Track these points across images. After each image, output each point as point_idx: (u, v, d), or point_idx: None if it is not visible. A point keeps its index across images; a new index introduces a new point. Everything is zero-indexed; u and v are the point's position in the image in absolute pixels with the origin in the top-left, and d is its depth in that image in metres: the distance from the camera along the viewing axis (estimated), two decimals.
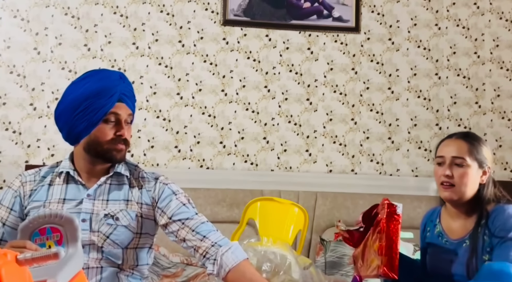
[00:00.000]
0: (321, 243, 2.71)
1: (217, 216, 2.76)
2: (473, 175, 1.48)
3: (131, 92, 1.50)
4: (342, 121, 3.09)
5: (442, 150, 1.53)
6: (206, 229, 1.44)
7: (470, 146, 1.49)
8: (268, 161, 3.02)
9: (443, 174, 1.48)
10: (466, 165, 1.47)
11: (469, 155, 1.48)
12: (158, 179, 1.53)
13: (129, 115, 1.48)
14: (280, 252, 1.83)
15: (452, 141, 1.53)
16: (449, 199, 1.49)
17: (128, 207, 1.45)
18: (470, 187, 1.48)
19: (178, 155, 2.99)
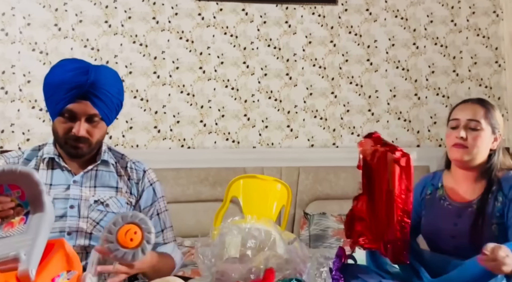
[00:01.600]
0: (305, 217, 2.73)
1: (200, 195, 2.75)
2: (486, 139, 1.48)
3: (102, 89, 1.38)
4: (322, 95, 3.08)
5: (457, 113, 1.52)
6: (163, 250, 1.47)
7: (486, 110, 1.49)
8: (250, 138, 3.01)
9: (457, 135, 1.48)
10: (480, 128, 1.47)
11: (485, 118, 1.48)
12: (146, 172, 1.53)
13: (93, 115, 1.39)
14: (265, 229, 1.83)
15: (468, 105, 1.52)
16: (460, 159, 1.48)
17: (118, 194, 1.45)
18: (482, 151, 1.48)
19: (158, 135, 2.95)
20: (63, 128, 1.40)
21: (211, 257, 1.69)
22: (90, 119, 1.40)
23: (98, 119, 1.41)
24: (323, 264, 1.56)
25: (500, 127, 1.51)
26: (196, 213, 2.67)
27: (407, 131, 3.11)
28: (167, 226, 1.52)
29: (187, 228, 2.54)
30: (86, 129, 1.39)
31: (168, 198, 2.59)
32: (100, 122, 1.42)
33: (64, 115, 1.38)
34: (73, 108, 1.37)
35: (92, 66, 1.42)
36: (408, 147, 3.08)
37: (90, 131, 1.40)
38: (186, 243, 2.32)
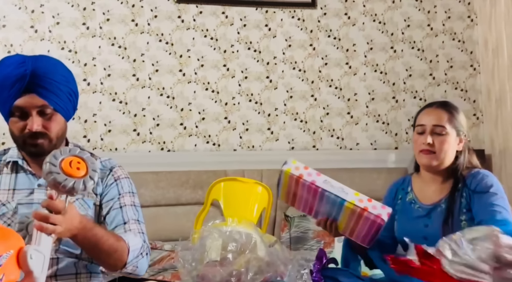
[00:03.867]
0: (286, 219, 2.74)
1: (181, 198, 2.73)
2: (452, 142, 1.53)
3: (45, 78, 1.32)
4: (302, 98, 3.10)
5: (422, 119, 1.56)
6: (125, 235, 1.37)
7: (450, 115, 1.54)
8: (231, 141, 3.00)
9: (423, 142, 1.52)
10: (445, 133, 1.52)
11: (449, 123, 1.53)
12: (112, 170, 1.47)
13: (42, 107, 1.32)
14: (245, 232, 1.83)
15: (432, 109, 1.56)
16: (428, 165, 1.53)
17: (84, 196, 1.40)
18: (448, 154, 1.53)
19: (137, 138, 2.92)
20: (17, 128, 1.34)
21: (191, 261, 1.68)
22: (42, 112, 1.33)
23: (51, 111, 1.34)
24: (303, 266, 1.57)
25: (464, 129, 1.56)
26: (177, 217, 2.64)
27: (385, 133, 3.15)
28: (131, 218, 1.41)
29: (167, 231, 2.52)
30: (41, 124, 1.33)
31: (148, 201, 2.59)
32: (55, 114, 1.35)
33: (15, 114, 1.33)
34: (20, 104, 1.31)
35: (28, 57, 1.35)
36: (386, 149, 3.12)
37: (46, 126, 1.34)
38: (166, 247, 2.30)
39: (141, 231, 1.42)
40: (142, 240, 1.39)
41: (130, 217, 1.42)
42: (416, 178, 1.62)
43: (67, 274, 1.33)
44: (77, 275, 1.37)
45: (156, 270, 2.03)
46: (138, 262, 1.37)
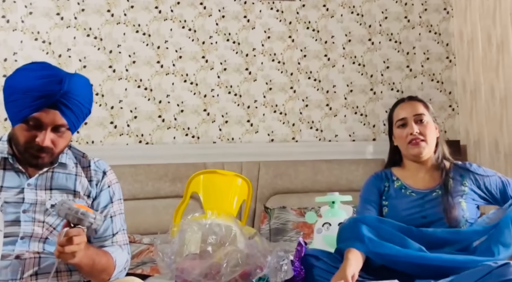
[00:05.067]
0: (265, 211, 2.75)
1: (160, 191, 2.71)
2: (433, 129, 1.60)
3: (75, 100, 1.31)
4: (281, 90, 3.10)
5: (400, 113, 1.60)
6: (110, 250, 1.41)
7: (423, 104, 1.62)
8: (210, 133, 2.98)
9: (410, 132, 1.55)
10: (427, 120, 1.58)
11: (426, 111, 1.60)
12: (106, 173, 1.47)
13: (60, 125, 1.32)
14: (225, 224, 1.83)
15: (406, 103, 1.63)
16: (419, 154, 1.56)
17: (76, 198, 1.39)
18: (433, 139, 1.59)
19: (115, 131, 2.87)
20: (25, 136, 1.31)
21: (170, 254, 1.67)
22: (57, 129, 1.32)
23: (65, 130, 1.33)
24: (283, 257, 1.58)
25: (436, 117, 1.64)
26: (155, 210, 2.62)
27: (363, 125, 3.18)
28: (118, 229, 1.46)
29: (146, 225, 2.51)
30: (51, 139, 1.31)
31: (126, 195, 2.55)
32: (66, 132, 1.35)
33: (29, 123, 1.30)
34: (40, 117, 1.29)
35: (66, 74, 1.33)
36: (364, 140, 3.15)
37: (54, 141, 1.32)
38: (145, 241, 2.28)
39: (126, 242, 1.46)
40: (127, 253, 1.43)
41: (118, 228, 1.45)
42: (398, 169, 1.65)
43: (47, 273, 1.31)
44: (57, 273, 1.35)
45: (135, 263, 2.01)
46: (119, 274, 1.41)
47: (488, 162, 2.94)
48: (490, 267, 1.24)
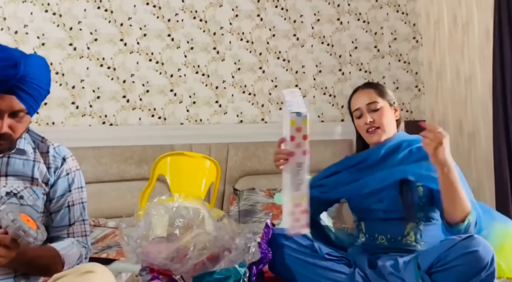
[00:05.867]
0: (234, 193, 2.73)
1: (125, 174, 2.64)
2: (389, 113, 1.62)
3: (32, 83, 1.24)
4: (250, 70, 3.04)
5: (355, 104, 1.65)
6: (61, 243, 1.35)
7: (377, 90, 1.64)
8: (177, 114, 2.91)
9: (366, 122, 1.59)
10: (380, 107, 1.60)
11: (379, 97, 1.63)
12: (66, 160, 1.40)
13: (18, 110, 1.24)
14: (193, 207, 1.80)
15: (360, 92, 1.66)
16: (378, 141, 1.59)
17: (33, 185, 1.32)
18: (390, 123, 1.61)
19: (76, 111, 2.76)
20: None
21: (136, 238, 1.62)
22: (15, 114, 1.24)
23: (23, 114, 1.26)
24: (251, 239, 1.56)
25: (394, 100, 1.67)
26: (121, 193, 2.56)
27: (332, 106, 3.18)
28: (76, 219, 1.39)
29: (111, 208, 2.45)
30: (9, 125, 1.24)
31: (90, 178, 2.48)
32: (25, 116, 1.27)
33: None
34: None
35: (21, 57, 1.24)
36: (333, 121, 3.16)
37: (13, 127, 1.25)
38: (110, 224, 2.23)
39: (84, 234, 1.40)
40: (81, 247, 1.37)
41: (76, 217, 1.39)
42: None
43: None
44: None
45: (99, 247, 1.96)
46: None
47: (452, 142, 2.98)
48: (454, 240, 1.26)
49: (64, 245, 1.32)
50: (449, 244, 1.25)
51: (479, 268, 1.20)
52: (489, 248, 1.22)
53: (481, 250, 1.20)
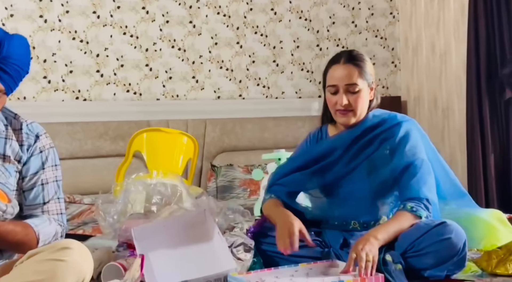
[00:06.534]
0: (212, 169, 2.73)
1: (100, 150, 2.61)
2: (365, 96, 1.53)
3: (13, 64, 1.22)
4: (227, 45, 3.00)
5: (333, 78, 1.51)
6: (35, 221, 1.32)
7: (359, 69, 1.50)
8: (153, 90, 2.86)
9: (339, 103, 1.49)
10: (359, 89, 1.49)
11: (360, 78, 1.49)
12: (39, 137, 1.36)
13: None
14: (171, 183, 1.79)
15: (341, 67, 1.50)
16: (347, 123, 1.53)
17: (5, 162, 1.28)
18: (364, 107, 1.53)
19: (49, 86, 2.68)
20: None
21: (113, 213, 1.61)
22: None
23: (1, 94, 1.23)
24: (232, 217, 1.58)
25: (373, 77, 1.55)
26: (96, 169, 2.53)
27: (309, 82, 3.18)
28: (51, 197, 1.36)
29: (86, 184, 2.42)
30: None
31: (64, 154, 2.43)
32: (2, 96, 1.24)
33: None
34: None
35: (4, 37, 1.21)
36: (310, 97, 3.16)
37: None
38: (86, 201, 2.21)
39: (60, 212, 1.37)
40: (57, 225, 1.34)
41: (50, 195, 1.35)
42: (332, 127, 1.63)
43: None
44: None
45: (75, 224, 1.95)
46: None
47: (426, 117, 3.06)
48: (427, 227, 1.29)
49: (38, 222, 1.30)
50: (423, 231, 1.28)
51: (452, 254, 1.24)
52: (461, 234, 1.25)
53: (453, 237, 1.24)
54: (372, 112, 1.55)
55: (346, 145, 1.52)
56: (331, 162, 1.53)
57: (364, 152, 1.51)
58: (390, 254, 1.28)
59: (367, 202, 1.48)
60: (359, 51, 1.58)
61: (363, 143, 1.51)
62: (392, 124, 1.51)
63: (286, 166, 1.64)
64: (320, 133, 1.65)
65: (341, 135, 1.55)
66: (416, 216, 1.35)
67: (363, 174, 1.50)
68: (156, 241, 1.35)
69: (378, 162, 1.49)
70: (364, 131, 1.52)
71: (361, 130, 1.52)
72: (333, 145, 1.54)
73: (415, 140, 1.49)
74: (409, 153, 1.45)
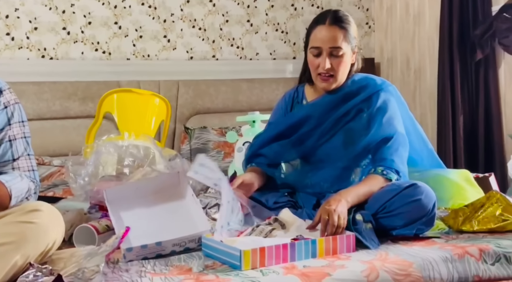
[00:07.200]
0: (186, 131, 2.71)
1: (69, 111, 2.54)
2: (348, 60, 1.51)
3: None
4: (200, 3, 2.90)
5: (317, 40, 1.47)
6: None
7: (344, 32, 1.47)
8: (123, 49, 2.77)
9: (321, 66, 1.46)
10: (342, 53, 1.47)
11: (344, 41, 1.46)
12: (2, 93, 1.31)
13: None
14: (143, 146, 1.77)
15: (326, 28, 1.46)
16: (327, 88, 1.51)
17: None
18: (345, 72, 1.51)
19: (12, 43, 2.55)
20: None
21: (84, 175, 1.59)
22: None
23: None
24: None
25: (356, 40, 1.53)
26: (65, 131, 2.47)
27: (284, 43, 3.13)
28: (21, 154, 1.33)
29: (55, 146, 2.37)
30: None
31: (30, 114, 2.35)
32: None
33: None
34: None
35: None
36: (284, 59, 3.13)
37: None
38: (55, 162, 2.17)
39: (31, 168, 1.34)
40: (29, 181, 1.31)
41: (20, 152, 1.32)
42: (310, 90, 1.61)
43: None
44: None
45: (45, 186, 1.92)
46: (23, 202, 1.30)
47: (399, 79, 3.08)
48: (398, 188, 1.31)
49: (9, 178, 1.27)
50: (394, 192, 1.30)
51: (422, 214, 1.27)
52: (431, 195, 1.28)
53: (424, 198, 1.26)
54: (352, 77, 1.54)
55: (323, 114, 1.51)
56: (308, 132, 1.53)
57: (341, 122, 1.50)
58: (360, 213, 1.31)
59: (342, 170, 1.49)
60: (345, 12, 1.53)
61: (341, 112, 1.50)
62: (370, 93, 1.50)
63: (265, 134, 1.62)
64: (296, 94, 1.64)
65: (319, 103, 1.53)
66: (386, 179, 1.38)
67: (339, 144, 1.50)
68: (129, 203, 1.34)
69: (354, 132, 1.49)
70: (342, 100, 1.51)
71: (340, 98, 1.51)
72: (310, 113, 1.53)
73: (393, 111, 1.49)
74: (386, 125, 1.45)
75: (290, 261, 1.13)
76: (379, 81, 1.54)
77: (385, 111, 1.47)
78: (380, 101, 1.49)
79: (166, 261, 1.15)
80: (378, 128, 1.45)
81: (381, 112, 1.47)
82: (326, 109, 1.51)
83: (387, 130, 1.45)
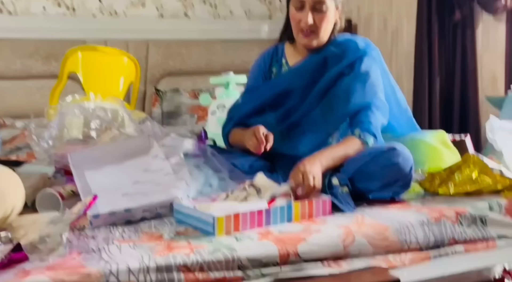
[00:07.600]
0: (157, 93, 2.63)
1: (31, 70, 2.43)
2: (331, 17, 1.45)
3: None
4: None
5: None
6: None
7: None
8: (88, 5, 2.62)
9: (304, 21, 1.41)
10: (326, 9, 1.42)
11: None
12: None
13: None
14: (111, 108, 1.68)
15: None
16: (309, 45, 1.47)
17: None
18: (327, 29, 1.46)
19: None
20: None
21: (48, 138, 1.51)
22: None
23: None
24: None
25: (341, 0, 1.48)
26: (27, 91, 2.37)
27: (259, 2, 3.02)
28: None
29: (17, 107, 2.28)
30: None
31: None
32: None
33: None
34: None
35: None
36: (260, 19, 3.03)
37: None
38: (17, 125, 2.08)
39: None
40: None
41: None
42: (290, 49, 1.56)
43: None
44: None
45: (7, 149, 1.83)
46: None
47: (376, 40, 3.02)
48: (375, 152, 1.29)
49: None
50: (371, 155, 1.28)
51: (398, 178, 1.26)
52: (408, 159, 1.26)
53: (401, 161, 1.24)
54: (334, 38, 1.49)
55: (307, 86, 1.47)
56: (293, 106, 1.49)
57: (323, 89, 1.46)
58: (336, 176, 1.29)
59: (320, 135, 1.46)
60: None
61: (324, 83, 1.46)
62: (353, 59, 1.46)
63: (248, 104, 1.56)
64: (276, 52, 1.58)
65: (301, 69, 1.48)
66: (362, 143, 1.36)
67: (319, 109, 1.47)
68: (95, 167, 1.28)
69: (334, 97, 1.46)
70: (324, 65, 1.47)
71: (322, 62, 1.47)
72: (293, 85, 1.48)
73: (374, 78, 1.45)
74: (367, 92, 1.42)
75: (265, 226, 1.10)
76: (362, 44, 1.50)
77: (367, 78, 1.44)
78: (363, 67, 1.45)
79: (136, 227, 1.10)
80: (359, 95, 1.42)
81: (362, 79, 1.44)
82: (310, 80, 1.47)
83: (367, 97, 1.42)
